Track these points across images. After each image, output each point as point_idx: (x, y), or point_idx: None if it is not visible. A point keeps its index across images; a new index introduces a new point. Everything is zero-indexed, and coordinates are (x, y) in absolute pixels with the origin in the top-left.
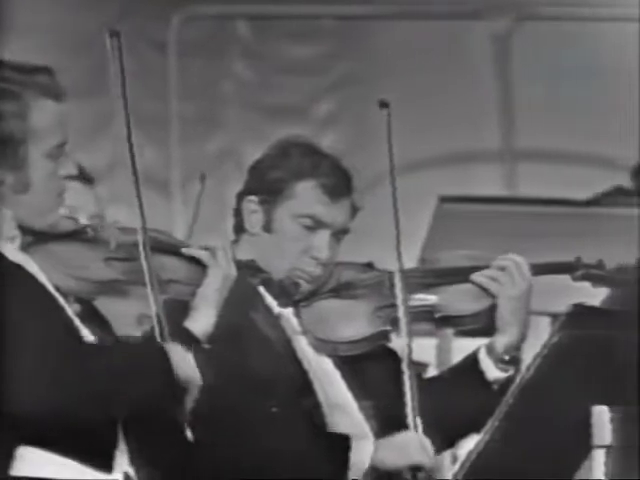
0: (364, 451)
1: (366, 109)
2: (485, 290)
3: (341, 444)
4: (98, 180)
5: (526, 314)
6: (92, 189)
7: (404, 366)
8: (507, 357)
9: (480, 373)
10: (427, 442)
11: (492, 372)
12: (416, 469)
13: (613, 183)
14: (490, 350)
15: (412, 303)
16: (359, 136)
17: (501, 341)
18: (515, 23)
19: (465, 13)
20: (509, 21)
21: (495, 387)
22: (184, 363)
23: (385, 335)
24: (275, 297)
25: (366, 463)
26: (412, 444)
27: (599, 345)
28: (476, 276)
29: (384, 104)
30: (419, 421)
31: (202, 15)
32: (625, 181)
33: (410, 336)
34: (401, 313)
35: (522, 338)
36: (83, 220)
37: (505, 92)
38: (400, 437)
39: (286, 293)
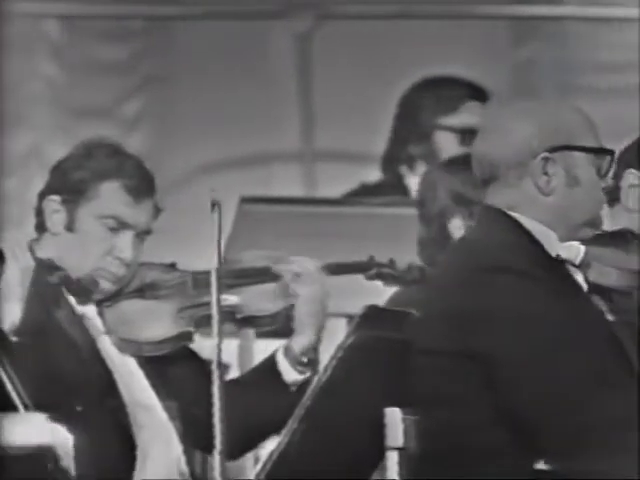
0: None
1: (173, 109)
2: (286, 288)
3: None
4: None
5: (322, 317)
6: None
7: (214, 366)
8: (304, 359)
9: (278, 375)
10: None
11: (290, 374)
12: (45, 452)
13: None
14: (287, 352)
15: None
16: (165, 136)
17: (298, 343)
18: (317, 22)
19: (267, 12)
20: (311, 20)
21: (293, 389)
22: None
23: (189, 336)
24: (74, 295)
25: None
26: (37, 422)
27: (392, 346)
28: (279, 266)
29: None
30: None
31: (11, 13)
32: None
33: (221, 336)
34: (214, 313)
35: (318, 340)
36: None
37: (306, 92)
38: (27, 415)
39: (84, 291)
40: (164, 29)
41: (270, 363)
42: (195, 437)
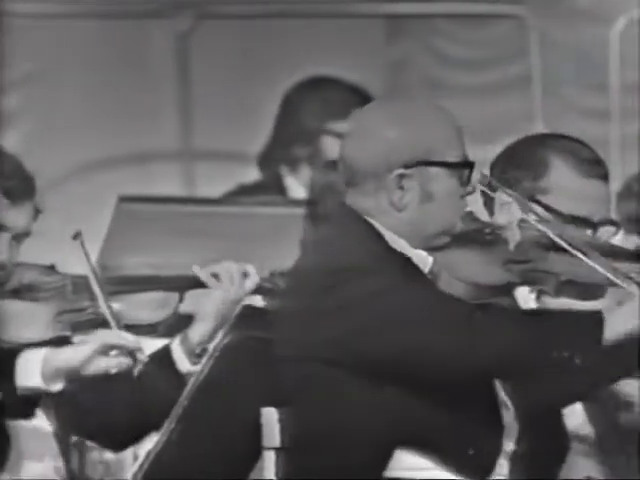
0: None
1: (51, 108)
2: (204, 283)
3: None
4: None
5: (226, 318)
6: None
7: None
8: (199, 350)
9: (172, 363)
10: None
11: (184, 363)
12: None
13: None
14: (183, 340)
15: (93, 310)
16: (43, 135)
17: (196, 331)
18: (196, 22)
19: (147, 12)
20: (190, 20)
21: (189, 379)
22: None
23: (65, 340)
24: None
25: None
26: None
27: (268, 346)
28: (199, 270)
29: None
30: None
31: None
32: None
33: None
34: (107, 315)
35: (214, 334)
36: None
37: (185, 91)
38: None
39: None
40: (44, 26)
41: (165, 352)
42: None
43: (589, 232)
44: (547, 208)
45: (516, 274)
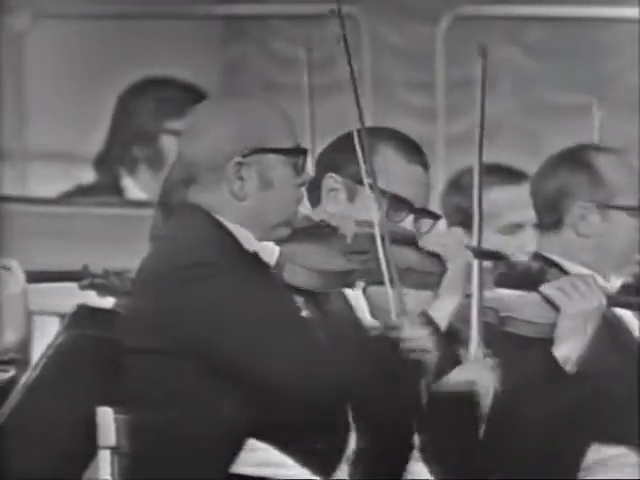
0: None
1: None
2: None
3: None
4: None
5: (24, 316)
6: None
7: None
8: (6, 357)
9: None
10: None
11: None
12: None
13: None
14: None
15: None
16: None
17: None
18: (32, 21)
19: None
20: (26, 19)
21: None
22: None
23: None
24: None
25: None
26: None
27: (103, 345)
28: None
29: None
30: None
31: None
32: None
33: None
34: None
35: (24, 339)
36: None
37: (18, 90)
38: None
39: None
40: None
41: None
42: None
43: (411, 218)
44: (372, 187)
45: (357, 263)
